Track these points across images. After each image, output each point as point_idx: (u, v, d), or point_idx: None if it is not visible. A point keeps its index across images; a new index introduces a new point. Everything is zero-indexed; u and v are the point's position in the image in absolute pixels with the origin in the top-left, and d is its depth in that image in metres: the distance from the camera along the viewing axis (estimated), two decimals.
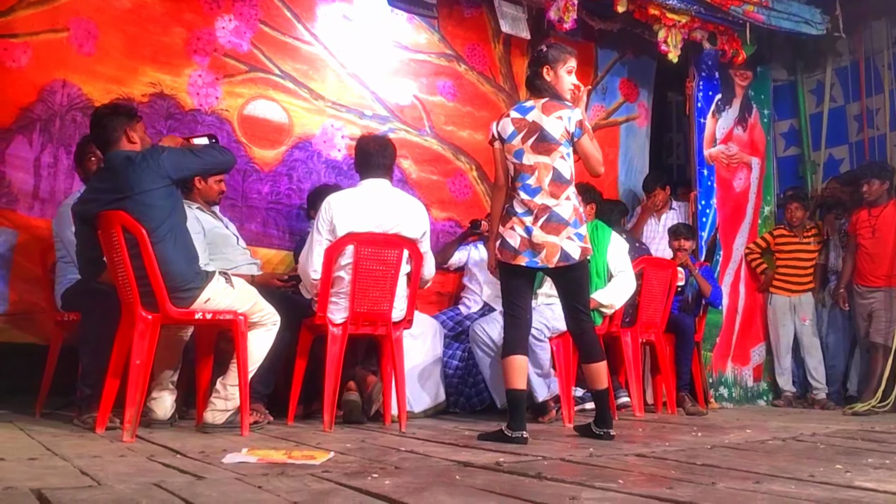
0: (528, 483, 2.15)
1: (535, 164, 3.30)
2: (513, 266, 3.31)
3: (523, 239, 3.27)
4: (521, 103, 3.48)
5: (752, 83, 6.44)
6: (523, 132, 3.33)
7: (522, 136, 3.32)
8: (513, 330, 3.34)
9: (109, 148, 3.21)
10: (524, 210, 3.30)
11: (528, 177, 3.30)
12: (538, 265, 3.29)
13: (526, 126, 3.33)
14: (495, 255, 3.37)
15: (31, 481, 1.92)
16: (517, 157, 3.33)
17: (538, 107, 3.34)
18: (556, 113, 3.31)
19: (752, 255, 6.21)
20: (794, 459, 2.78)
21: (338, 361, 3.55)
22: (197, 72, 4.67)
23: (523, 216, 3.29)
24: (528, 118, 3.34)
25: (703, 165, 6.07)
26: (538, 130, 3.31)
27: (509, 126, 3.36)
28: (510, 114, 3.41)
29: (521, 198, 3.31)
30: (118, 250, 3.06)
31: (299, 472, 2.19)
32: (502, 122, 3.40)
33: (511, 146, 3.34)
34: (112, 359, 3.12)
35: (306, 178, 4.97)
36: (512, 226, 3.30)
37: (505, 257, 3.31)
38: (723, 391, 5.94)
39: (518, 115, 3.37)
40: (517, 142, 3.33)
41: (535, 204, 3.28)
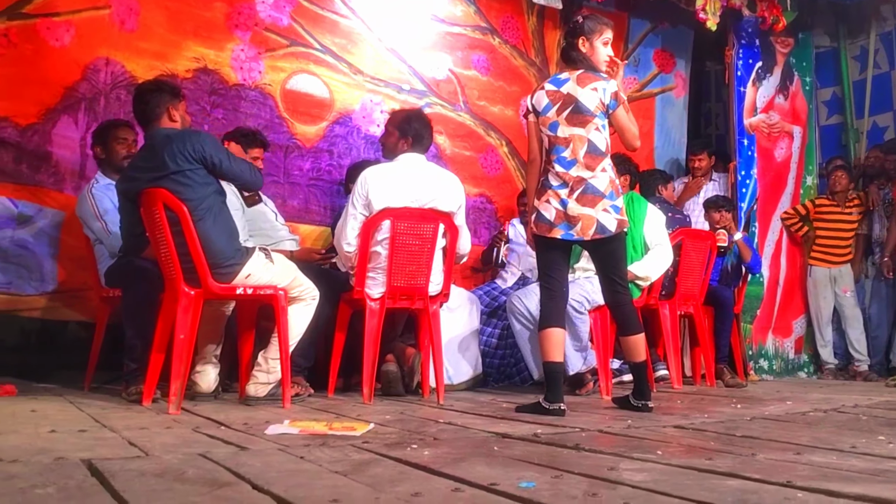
0: (567, 454, 2.16)
1: (570, 136, 3.27)
2: (548, 239, 3.30)
3: (559, 212, 3.25)
4: (555, 75, 3.45)
5: (793, 50, 6.29)
6: (558, 104, 3.30)
7: (557, 109, 3.30)
8: (549, 303, 3.34)
9: (150, 124, 3.25)
10: (559, 183, 3.27)
11: (563, 149, 3.28)
12: (574, 238, 3.27)
13: (561, 98, 3.30)
14: (531, 228, 3.37)
15: (82, 452, 1.98)
16: (552, 129, 3.31)
17: (573, 78, 3.31)
18: (592, 84, 3.28)
19: (791, 219, 6.10)
20: (836, 431, 2.75)
21: (376, 335, 3.59)
22: (239, 46, 4.67)
23: (558, 189, 3.27)
24: (562, 90, 3.31)
25: (744, 135, 5.97)
26: (573, 102, 3.28)
27: (544, 98, 3.34)
28: (545, 86, 3.38)
29: (556, 170, 3.28)
30: (160, 227, 3.11)
31: (340, 443, 2.23)
32: (537, 95, 3.38)
33: (546, 118, 3.32)
34: (156, 334, 3.19)
35: (346, 154, 4.97)
36: (547, 199, 3.29)
37: (540, 230, 3.30)
38: (763, 363, 5.88)
39: (553, 87, 3.34)
40: (552, 114, 3.31)
41: (571, 176, 3.26)
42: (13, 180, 4.02)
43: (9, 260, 3.97)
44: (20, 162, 4.04)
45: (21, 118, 4.04)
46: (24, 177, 4.05)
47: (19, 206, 4.02)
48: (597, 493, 1.59)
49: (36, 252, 4.04)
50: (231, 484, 1.65)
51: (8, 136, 4.00)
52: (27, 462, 1.84)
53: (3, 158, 4.00)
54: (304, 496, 1.51)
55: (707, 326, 5.06)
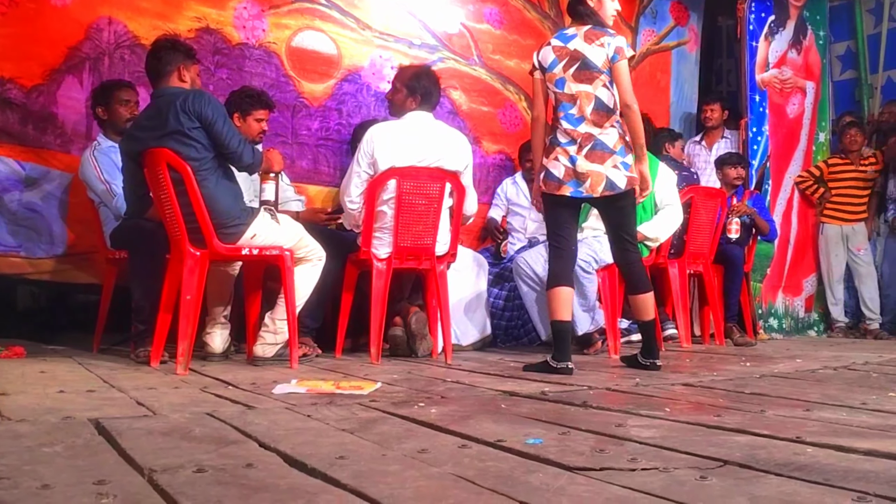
0: (574, 411, 2.16)
1: (577, 93, 3.22)
2: (557, 197, 3.26)
3: (567, 169, 3.21)
4: (562, 30, 3.38)
5: (807, 4, 6.17)
6: (564, 60, 3.24)
7: (564, 65, 3.24)
8: (557, 261, 3.31)
9: (160, 81, 3.22)
10: (567, 140, 3.22)
11: (570, 106, 3.23)
12: (583, 195, 3.23)
13: (567, 54, 3.24)
14: (539, 186, 3.32)
15: (90, 412, 1.98)
16: (558, 86, 3.25)
17: (580, 35, 3.24)
18: (599, 41, 3.22)
19: (805, 182, 6.04)
20: (846, 388, 2.74)
21: (383, 295, 3.58)
22: (242, 4, 4.58)
23: (566, 146, 3.22)
24: (569, 46, 3.24)
25: (755, 91, 5.87)
26: (580, 59, 3.22)
27: (550, 54, 3.27)
28: (551, 42, 3.31)
29: (563, 127, 3.23)
30: (164, 188, 3.09)
31: (347, 402, 2.23)
32: (543, 51, 3.31)
33: (552, 75, 3.26)
34: (163, 294, 3.19)
35: (356, 113, 4.89)
36: (556, 156, 3.24)
37: (549, 188, 3.25)
38: (773, 322, 5.87)
39: (559, 42, 3.28)
40: (558, 70, 3.24)
41: (579, 133, 3.21)
42: (20, 142, 3.99)
43: (19, 223, 3.96)
44: (26, 124, 4.00)
45: (26, 79, 3.99)
46: (30, 139, 4.02)
47: (27, 169, 3.99)
48: (604, 449, 1.58)
49: (45, 215, 4.03)
50: (238, 442, 1.65)
51: (13, 97, 3.96)
52: (35, 421, 1.84)
53: (9, 120, 3.97)
54: (310, 454, 1.51)
55: (717, 285, 5.03)
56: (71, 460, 1.46)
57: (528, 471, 1.40)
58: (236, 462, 1.44)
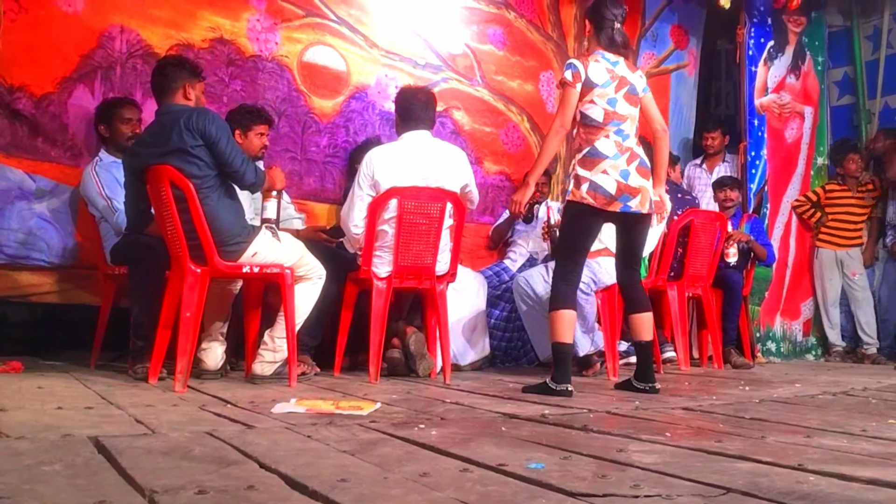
0: (575, 435, 2.15)
1: (628, 113, 3.31)
2: (598, 212, 3.23)
3: (620, 184, 3.20)
4: (603, 54, 3.35)
5: (805, 29, 6.22)
6: (616, 82, 3.31)
7: (616, 86, 3.30)
8: (566, 285, 3.30)
9: (165, 97, 3.23)
10: (615, 152, 3.24)
11: (621, 123, 3.29)
12: (631, 210, 3.25)
13: (617, 77, 3.32)
14: (581, 197, 3.21)
15: (88, 429, 1.97)
16: (611, 104, 3.28)
17: (622, 63, 3.36)
18: (637, 72, 3.41)
19: (802, 206, 6.06)
20: (846, 414, 2.74)
21: (383, 314, 3.58)
22: (255, 16, 4.60)
23: (615, 159, 3.23)
24: (616, 70, 3.32)
25: (754, 115, 5.91)
26: (628, 84, 3.33)
27: (604, 73, 3.30)
28: (600, 60, 3.33)
29: (614, 140, 3.26)
30: (167, 205, 3.09)
31: (347, 422, 2.22)
32: (593, 67, 3.30)
33: (605, 92, 3.28)
34: (163, 311, 3.18)
35: (362, 131, 4.90)
36: (604, 169, 3.21)
37: (599, 202, 3.20)
38: (770, 346, 5.87)
39: (609, 65, 3.33)
40: (611, 90, 3.29)
41: (626, 147, 3.28)
42: (29, 155, 3.97)
43: (28, 233, 3.93)
44: (36, 135, 3.97)
45: (36, 88, 3.97)
46: (39, 151, 3.99)
47: (37, 181, 3.97)
48: (606, 474, 1.58)
49: (54, 227, 4.00)
50: (238, 462, 1.64)
51: (23, 107, 3.94)
52: (34, 439, 1.83)
53: (19, 132, 3.94)
54: (312, 475, 1.50)
55: (715, 308, 5.03)
56: (71, 479, 1.45)
57: (530, 496, 1.40)
58: (238, 483, 1.44)
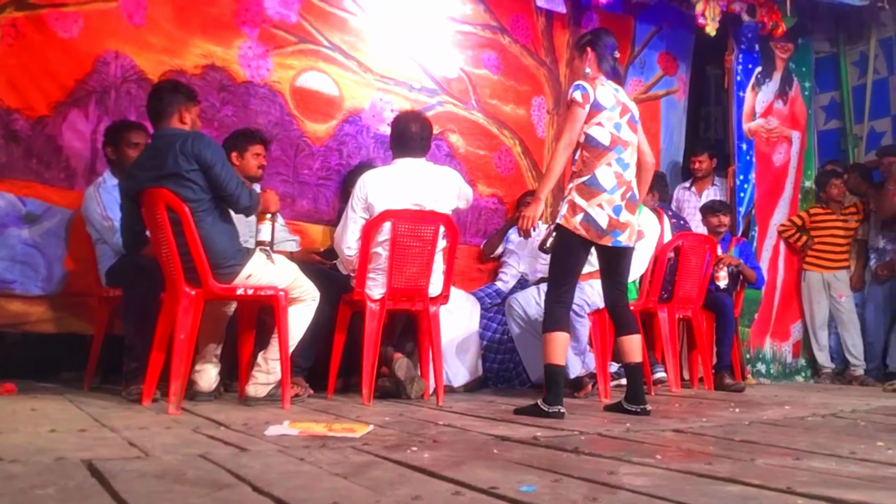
0: (566, 458, 2.17)
1: (630, 141, 3.35)
2: (587, 242, 3.27)
3: (612, 219, 3.25)
4: (606, 80, 3.41)
5: (793, 55, 6.30)
6: (620, 107, 3.35)
7: (620, 111, 3.34)
8: (559, 308, 3.33)
9: (160, 122, 3.25)
10: (613, 185, 3.27)
11: (624, 150, 3.32)
12: (621, 245, 3.31)
13: (621, 104, 3.36)
14: (573, 227, 3.24)
15: (82, 452, 1.98)
16: (616, 128, 3.32)
17: (622, 91, 3.43)
18: (632, 102, 3.45)
19: (788, 231, 6.11)
20: (834, 436, 2.76)
21: (376, 337, 3.59)
22: (247, 43, 4.64)
23: (612, 193, 3.26)
24: (619, 97, 3.37)
25: (742, 140, 5.98)
26: (630, 112, 3.38)
27: (611, 97, 3.34)
28: (605, 84, 3.37)
29: (614, 169, 3.28)
30: (162, 228, 3.11)
31: (340, 445, 2.23)
32: (601, 90, 3.33)
33: (612, 116, 3.32)
34: (157, 333, 3.19)
35: (356, 154, 4.94)
36: (600, 204, 3.24)
37: (591, 235, 3.24)
38: (760, 367, 5.90)
39: (613, 90, 3.38)
40: (616, 114, 3.33)
41: (625, 180, 3.31)
42: (22, 177, 4.00)
43: (16, 259, 3.94)
44: (30, 158, 4.01)
45: (31, 110, 4.02)
46: (33, 174, 4.02)
47: (28, 205, 3.99)
48: (597, 497, 1.60)
49: (44, 252, 4.01)
50: (231, 486, 1.65)
51: (19, 128, 3.98)
52: (27, 462, 1.84)
53: (13, 154, 3.98)
54: (304, 498, 1.51)
55: (706, 330, 5.06)
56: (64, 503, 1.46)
57: None
58: None
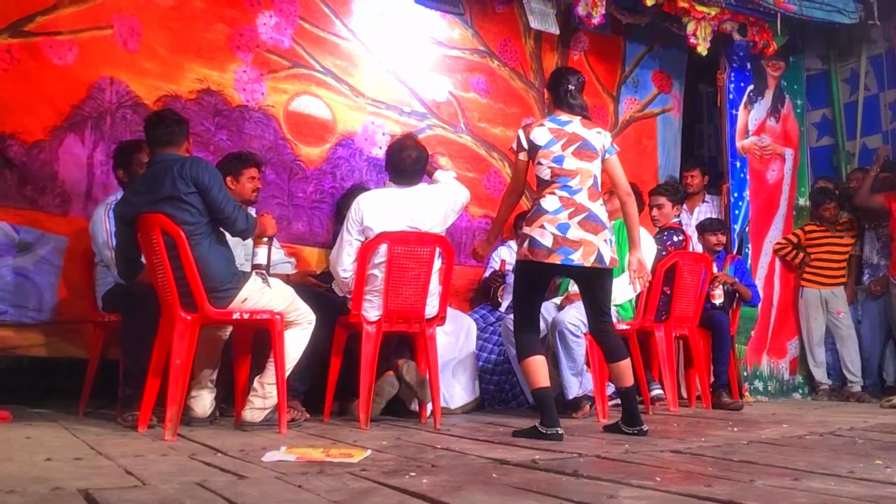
0: (565, 481, 2.16)
1: (578, 168, 3.29)
2: (540, 266, 3.25)
3: (556, 237, 3.21)
4: (553, 116, 3.43)
5: (784, 73, 6.36)
6: (563, 140, 3.32)
7: (563, 144, 3.31)
8: (527, 334, 3.34)
9: (164, 148, 3.24)
10: (557, 207, 3.25)
11: (570, 179, 3.28)
12: (573, 263, 3.22)
13: (566, 135, 3.33)
14: (523, 253, 3.28)
15: (78, 481, 1.97)
16: (556, 161, 3.30)
17: (576, 122, 3.38)
18: (595, 129, 3.40)
19: (784, 249, 6.13)
20: (833, 455, 2.76)
21: (373, 359, 3.58)
22: (241, 68, 4.69)
23: (556, 213, 3.24)
24: (566, 129, 3.34)
25: (736, 157, 6.01)
26: (580, 140, 3.33)
27: (546, 134, 3.33)
28: (544, 123, 3.38)
29: (559, 195, 3.26)
30: (157, 252, 3.11)
31: (338, 471, 2.22)
32: (536, 131, 3.35)
33: (549, 152, 3.30)
34: (153, 359, 3.18)
35: (349, 177, 4.98)
36: (541, 224, 3.24)
37: (537, 256, 3.23)
38: (758, 384, 5.90)
39: (554, 125, 3.36)
40: (556, 148, 3.30)
41: (575, 202, 3.26)
42: (16, 205, 3.99)
43: (6, 289, 3.92)
44: (24, 185, 4.01)
45: (27, 135, 4.03)
46: (27, 201, 4.02)
47: (20, 233, 3.99)
48: None
49: (35, 281, 4.00)
50: None
51: (14, 154, 3.98)
52: (24, 492, 1.83)
53: (7, 182, 3.98)
54: None
55: (703, 349, 5.06)
56: None
57: None
58: None
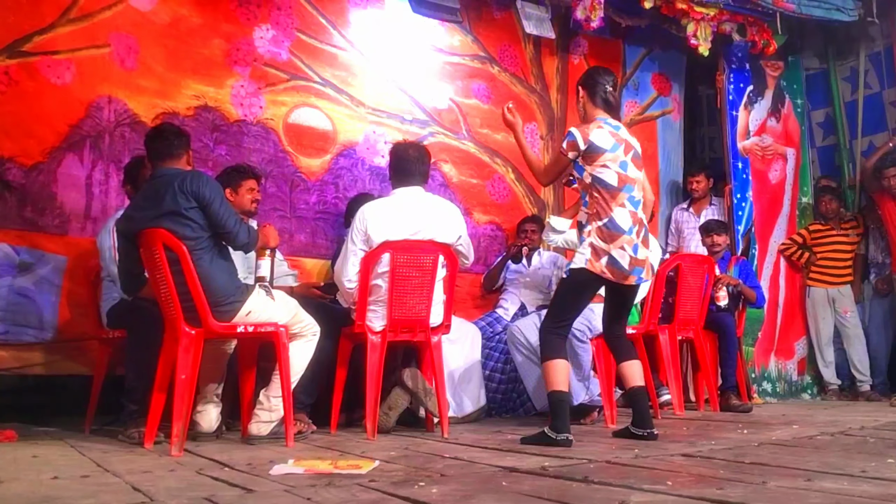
0: (576, 487, 2.14)
1: (636, 178, 3.33)
2: (602, 280, 3.27)
3: (632, 259, 3.25)
4: (605, 119, 3.37)
5: (783, 73, 6.35)
6: (622, 145, 3.31)
7: (623, 150, 3.30)
8: (556, 337, 3.34)
9: (164, 162, 3.24)
10: (630, 226, 3.26)
11: (633, 188, 3.30)
12: (643, 280, 3.36)
13: (623, 141, 3.32)
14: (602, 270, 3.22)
15: (86, 499, 1.96)
16: (622, 167, 3.28)
17: (623, 128, 3.39)
18: (633, 138, 3.42)
19: (790, 249, 6.11)
20: (845, 454, 2.73)
21: (378, 369, 3.56)
22: (239, 82, 4.69)
23: (630, 234, 3.25)
24: (621, 134, 3.34)
25: (738, 158, 6.00)
26: (633, 149, 3.35)
27: (609, 138, 3.28)
28: (603, 126, 3.31)
29: (628, 209, 3.27)
30: (160, 267, 3.10)
31: (346, 482, 2.20)
32: (596, 133, 3.27)
33: (615, 156, 3.27)
34: (157, 374, 3.17)
35: (352, 187, 4.97)
36: (622, 246, 3.23)
37: (616, 277, 3.24)
38: (766, 386, 5.87)
39: (613, 129, 3.33)
40: (620, 153, 3.29)
41: (638, 218, 3.31)
42: (16, 226, 3.99)
43: (7, 309, 3.92)
44: (24, 206, 4.02)
45: (26, 158, 4.03)
46: (27, 222, 4.02)
47: (21, 254, 3.98)
48: None
49: (36, 301, 4.00)
50: None
51: (13, 177, 3.99)
52: None
53: (7, 203, 3.98)
54: None
55: (709, 351, 5.04)
56: None
57: None
58: None
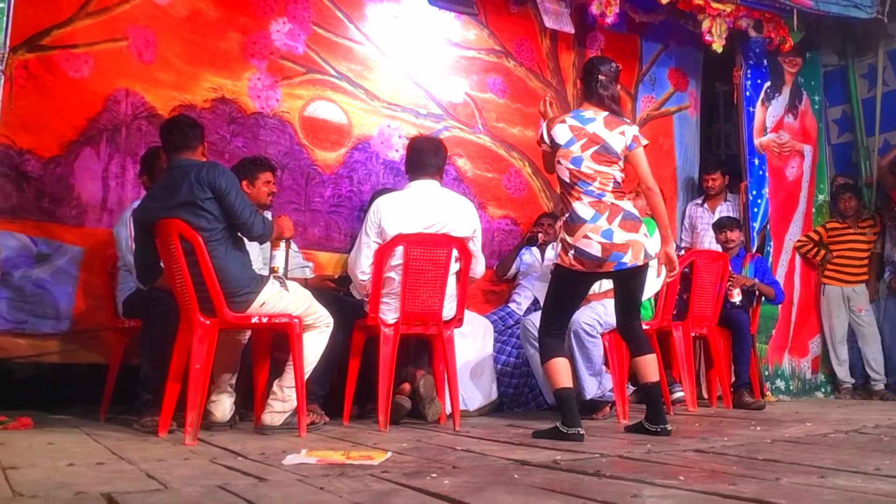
0: (588, 481, 2.14)
1: (596, 172, 3.22)
2: (588, 274, 3.23)
3: (604, 244, 3.16)
4: (578, 111, 3.36)
5: (801, 70, 6.30)
6: (583, 141, 3.24)
7: (582, 145, 3.23)
8: (550, 338, 3.34)
9: (180, 153, 3.27)
10: (593, 214, 3.19)
11: (590, 183, 3.22)
12: (627, 266, 3.19)
13: (586, 136, 3.24)
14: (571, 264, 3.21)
15: (101, 486, 1.98)
16: (574, 163, 3.23)
17: (599, 119, 3.27)
18: (619, 129, 3.27)
19: (805, 246, 6.07)
20: (859, 452, 2.72)
21: (391, 361, 3.57)
22: (256, 75, 4.70)
23: (594, 221, 3.17)
24: (587, 128, 3.25)
25: (754, 155, 5.96)
26: (600, 143, 3.23)
27: (566, 132, 3.26)
28: (566, 120, 3.30)
29: (586, 201, 3.21)
30: (175, 258, 3.12)
31: (359, 473, 2.21)
32: (557, 128, 3.28)
33: (568, 152, 3.24)
34: (172, 363, 3.19)
35: (366, 180, 4.98)
36: (585, 234, 3.17)
37: (588, 267, 3.19)
38: (779, 384, 5.83)
39: (576, 122, 3.28)
40: (576, 149, 3.24)
41: (606, 204, 3.20)
42: (34, 217, 4.03)
43: (25, 299, 3.95)
44: (41, 197, 4.05)
45: (44, 150, 4.06)
46: (44, 213, 4.05)
47: (38, 245, 4.02)
48: None
49: (53, 291, 4.03)
50: None
51: (31, 169, 4.02)
52: (47, 497, 1.84)
53: (25, 195, 4.02)
54: None
55: (722, 348, 5.02)
56: None
57: None
58: None
